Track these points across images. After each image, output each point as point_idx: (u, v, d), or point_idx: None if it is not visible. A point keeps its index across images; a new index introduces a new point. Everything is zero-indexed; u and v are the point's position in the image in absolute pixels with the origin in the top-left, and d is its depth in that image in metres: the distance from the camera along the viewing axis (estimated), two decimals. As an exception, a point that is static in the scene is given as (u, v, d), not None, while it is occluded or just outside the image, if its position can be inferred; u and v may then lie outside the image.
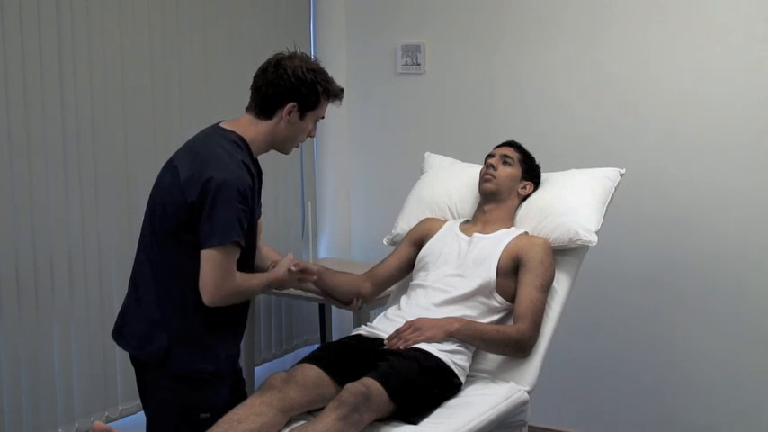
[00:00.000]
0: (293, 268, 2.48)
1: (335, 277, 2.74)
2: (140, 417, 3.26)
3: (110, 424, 2.95)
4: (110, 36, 3.09)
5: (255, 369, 3.67)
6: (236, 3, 3.61)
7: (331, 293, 2.73)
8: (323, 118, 2.40)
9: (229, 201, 2.16)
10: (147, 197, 3.18)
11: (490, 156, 2.84)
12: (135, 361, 2.39)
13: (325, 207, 4.16)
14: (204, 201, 2.16)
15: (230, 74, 3.56)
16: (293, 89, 2.27)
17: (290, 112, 2.29)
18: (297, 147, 2.43)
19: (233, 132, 2.29)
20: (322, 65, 2.37)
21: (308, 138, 2.41)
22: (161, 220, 2.27)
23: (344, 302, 2.76)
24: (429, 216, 2.95)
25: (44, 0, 2.87)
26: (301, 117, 2.31)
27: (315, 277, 2.60)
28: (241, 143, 2.27)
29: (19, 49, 2.81)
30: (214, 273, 2.17)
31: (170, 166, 2.29)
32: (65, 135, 2.97)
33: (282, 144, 2.36)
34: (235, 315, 2.35)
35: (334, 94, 2.36)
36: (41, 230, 2.91)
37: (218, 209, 2.15)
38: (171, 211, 2.23)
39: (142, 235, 2.37)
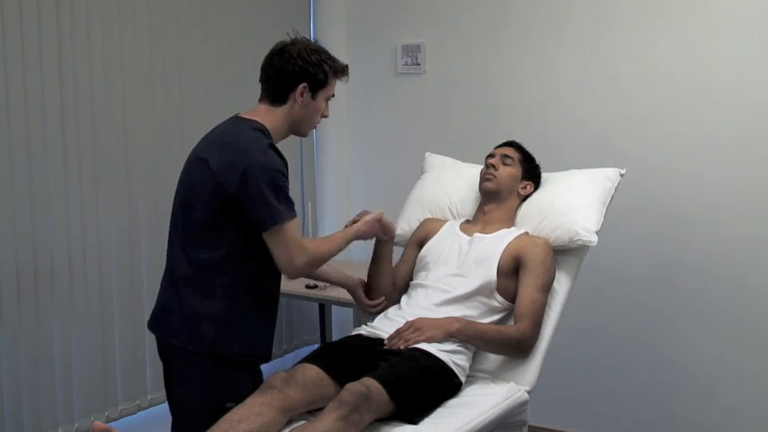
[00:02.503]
0: (378, 225, 2.59)
1: (388, 265, 2.77)
2: (140, 417, 3.28)
3: (110, 424, 2.95)
4: (110, 36, 3.10)
5: (255, 369, 3.67)
6: (235, 3, 3.61)
7: (375, 278, 2.75)
8: (333, 96, 2.45)
9: (272, 181, 2.22)
10: (148, 197, 3.21)
11: (490, 156, 2.84)
12: (166, 351, 2.40)
13: (326, 207, 4.16)
14: (246, 190, 2.21)
15: (230, 74, 3.57)
16: (301, 70, 2.33)
17: (302, 94, 2.35)
18: (314, 128, 2.49)
19: (254, 121, 2.34)
20: (323, 45, 2.43)
21: (323, 118, 2.46)
22: (195, 214, 2.30)
23: (371, 299, 2.75)
24: (429, 216, 2.95)
25: (44, 0, 2.87)
26: (313, 97, 2.37)
27: (392, 235, 2.72)
28: (263, 129, 2.32)
29: (19, 49, 2.81)
30: (286, 251, 2.25)
31: (197, 161, 2.32)
32: (65, 135, 2.97)
33: (299, 126, 2.42)
34: (271, 299, 2.42)
35: (341, 70, 2.43)
36: (41, 231, 2.91)
37: (266, 192, 2.21)
38: (206, 205, 2.26)
39: (175, 230, 2.38)
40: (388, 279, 2.76)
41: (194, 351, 2.31)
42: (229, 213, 2.24)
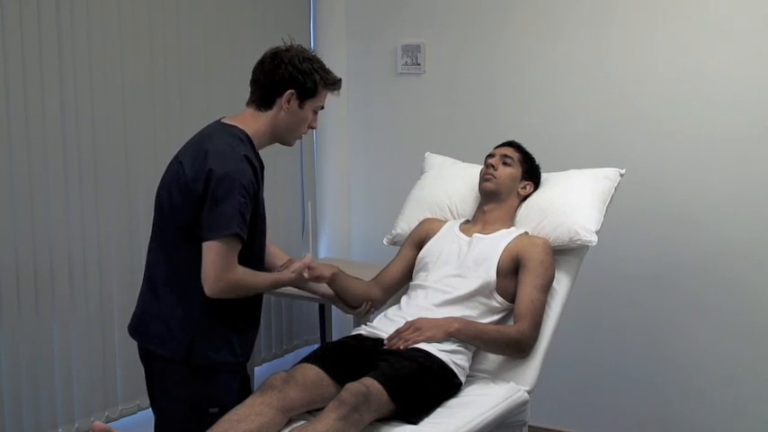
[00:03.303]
0: (306, 274, 2.47)
1: (348, 281, 2.69)
2: (140, 417, 3.27)
3: (110, 424, 2.95)
4: (110, 36, 3.09)
5: (255, 369, 3.67)
6: (236, 3, 3.61)
7: (341, 296, 2.68)
8: (322, 108, 2.42)
9: (231, 193, 2.18)
10: (147, 197, 3.20)
11: (490, 156, 2.84)
12: (146, 357, 2.40)
13: (326, 207, 4.16)
14: (206, 193, 2.19)
15: (230, 74, 3.56)
16: (290, 77, 2.31)
17: (288, 101, 2.32)
18: (299, 138, 2.45)
19: (235, 127, 2.32)
20: (319, 56, 2.40)
21: (310, 129, 2.43)
22: (171, 218, 2.29)
23: (352, 307, 2.72)
24: (429, 216, 2.95)
25: (44, 1, 2.87)
26: (300, 105, 2.34)
27: (328, 278, 2.56)
28: (243, 137, 2.30)
29: (19, 49, 2.81)
30: (215, 264, 2.17)
31: (176, 162, 2.31)
32: (65, 135, 2.97)
33: (284, 135, 2.39)
34: (250, 306, 2.37)
35: (332, 82, 2.39)
36: (41, 230, 2.91)
37: (220, 201, 2.17)
38: (180, 208, 2.25)
39: (153, 233, 2.38)
40: (357, 294, 2.70)
41: (172, 358, 2.30)
42: (200, 218, 2.21)
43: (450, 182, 3.02)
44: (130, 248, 3.21)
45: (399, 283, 2.82)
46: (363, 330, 2.61)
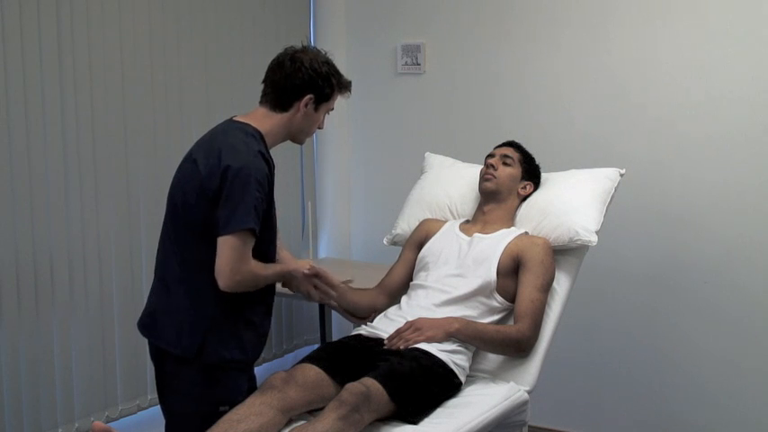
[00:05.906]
0: (306, 271, 2.48)
1: (355, 295, 2.71)
2: (140, 417, 3.28)
3: (110, 424, 2.96)
4: (110, 37, 3.09)
5: (255, 369, 3.66)
6: (236, 3, 3.61)
7: (347, 310, 2.70)
8: (332, 110, 2.45)
9: (246, 188, 2.19)
10: (147, 197, 3.21)
11: (490, 156, 2.84)
12: (158, 356, 2.40)
13: (326, 207, 4.16)
14: (222, 188, 2.20)
15: (230, 74, 3.57)
16: (311, 81, 2.33)
17: (306, 104, 2.34)
18: (309, 137, 2.48)
19: (248, 125, 2.33)
20: (332, 57, 2.41)
21: (318, 129, 2.46)
22: (185, 216, 2.29)
23: (359, 318, 2.72)
24: (429, 216, 2.95)
25: (44, 1, 2.87)
26: (315, 109, 2.37)
27: (335, 294, 2.57)
28: (257, 135, 2.31)
29: (19, 50, 2.81)
30: (230, 258, 2.19)
31: (190, 160, 2.32)
32: (65, 135, 2.97)
33: (297, 135, 2.42)
34: (261, 303, 2.38)
35: (345, 85, 2.43)
36: (41, 230, 2.91)
37: (235, 196, 2.19)
38: (195, 206, 2.26)
39: (165, 231, 2.38)
40: (363, 306, 2.71)
41: (183, 356, 2.30)
42: (215, 215, 2.22)
43: (451, 182, 3.02)
44: (130, 248, 3.21)
45: (404, 288, 2.81)
46: (363, 330, 2.61)
